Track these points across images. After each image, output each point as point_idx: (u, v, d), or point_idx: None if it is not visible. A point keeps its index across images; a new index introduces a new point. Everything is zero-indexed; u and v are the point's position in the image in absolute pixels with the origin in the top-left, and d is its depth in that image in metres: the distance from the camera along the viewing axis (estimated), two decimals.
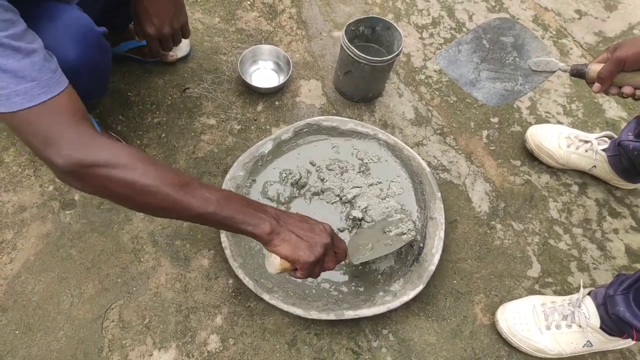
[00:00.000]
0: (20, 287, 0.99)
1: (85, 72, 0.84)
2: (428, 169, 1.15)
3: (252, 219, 0.73)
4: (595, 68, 0.81)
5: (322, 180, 1.16)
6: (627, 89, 0.78)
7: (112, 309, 0.99)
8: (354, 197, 1.13)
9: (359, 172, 1.18)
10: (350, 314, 0.96)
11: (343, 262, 0.92)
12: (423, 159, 1.24)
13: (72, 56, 0.80)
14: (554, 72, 0.88)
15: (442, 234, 1.07)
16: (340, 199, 1.14)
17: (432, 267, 1.03)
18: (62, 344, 0.95)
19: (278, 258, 0.77)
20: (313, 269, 0.78)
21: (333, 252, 0.82)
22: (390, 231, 1.02)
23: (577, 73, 0.85)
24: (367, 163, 1.19)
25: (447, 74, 0.97)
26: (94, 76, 0.90)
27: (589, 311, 0.95)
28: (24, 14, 0.69)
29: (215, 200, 0.71)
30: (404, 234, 1.02)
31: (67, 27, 0.81)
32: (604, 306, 0.92)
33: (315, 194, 1.15)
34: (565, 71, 0.87)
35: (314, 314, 0.96)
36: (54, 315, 0.97)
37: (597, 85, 0.79)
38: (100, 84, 0.99)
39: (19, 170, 1.13)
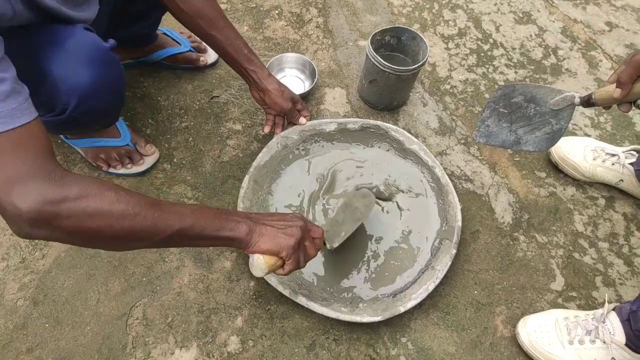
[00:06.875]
0: (51, 282, 1.03)
1: (101, 91, 0.83)
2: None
3: (228, 223, 0.75)
4: (600, 92, 0.81)
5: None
6: None
7: (137, 306, 1.02)
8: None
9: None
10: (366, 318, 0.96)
11: (322, 248, 0.92)
12: (446, 168, 1.24)
13: (86, 79, 0.78)
14: (576, 104, 0.89)
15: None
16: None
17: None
18: (89, 339, 0.98)
19: (262, 257, 0.78)
20: (297, 256, 0.80)
21: (312, 238, 0.84)
22: (357, 203, 1.06)
23: (586, 103, 0.86)
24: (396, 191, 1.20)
25: (491, 145, 1.03)
26: (110, 92, 0.89)
27: (614, 327, 0.92)
28: (30, 40, 0.65)
29: (189, 213, 0.70)
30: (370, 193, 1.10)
31: (76, 51, 0.78)
32: (629, 322, 0.90)
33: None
34: (578, 105, 0.88)
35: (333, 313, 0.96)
36: (82, 311, 1.01)
37: (617, 91, 0.77)
38: (117, 98, 0.97)
39: None
